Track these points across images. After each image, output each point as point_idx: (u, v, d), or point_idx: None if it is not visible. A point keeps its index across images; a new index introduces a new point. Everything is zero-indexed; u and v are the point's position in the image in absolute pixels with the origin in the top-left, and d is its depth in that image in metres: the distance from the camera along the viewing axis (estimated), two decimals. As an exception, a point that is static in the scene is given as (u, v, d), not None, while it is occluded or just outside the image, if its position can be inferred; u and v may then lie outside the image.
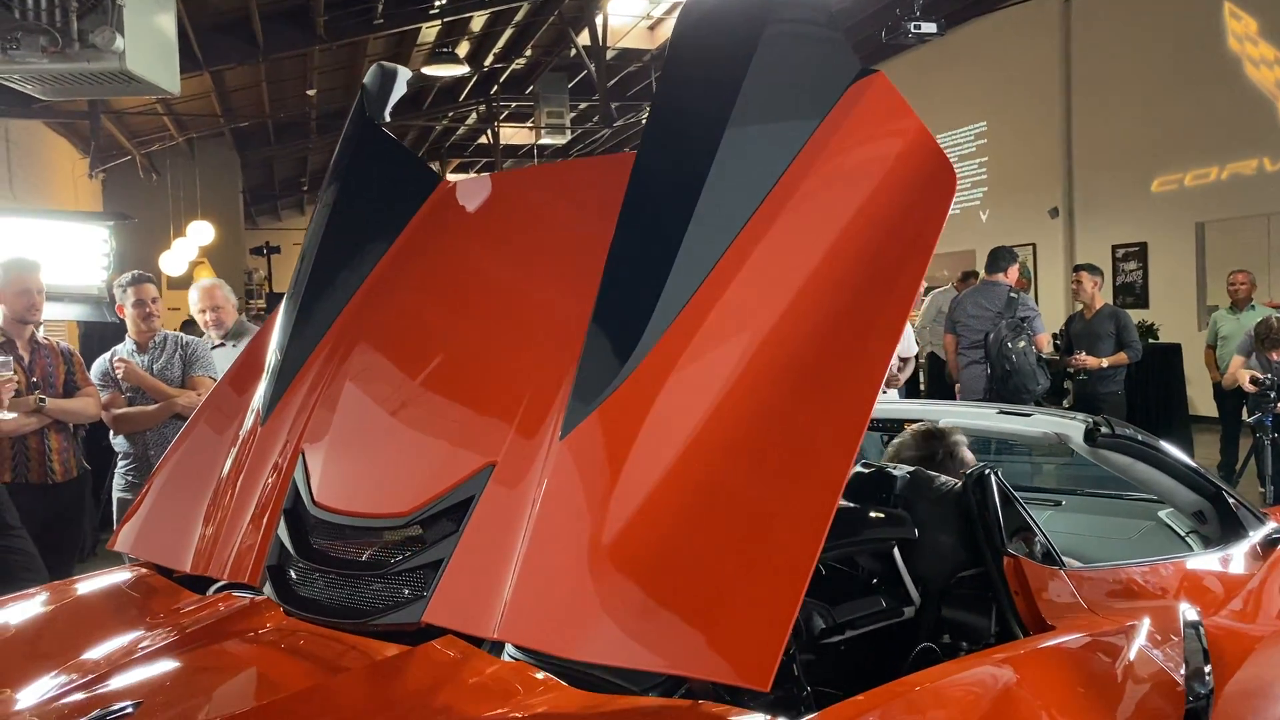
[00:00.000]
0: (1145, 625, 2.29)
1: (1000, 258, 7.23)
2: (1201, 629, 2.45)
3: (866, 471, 2.54)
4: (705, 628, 1.49)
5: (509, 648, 1.75)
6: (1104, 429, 2.90)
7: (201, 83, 12.28)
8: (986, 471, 2.42)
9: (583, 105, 17.47)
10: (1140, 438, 3.04)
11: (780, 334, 1.73)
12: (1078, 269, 8.10)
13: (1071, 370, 7.84)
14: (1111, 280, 13.55)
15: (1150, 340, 10.46)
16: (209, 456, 2.40)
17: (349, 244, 2.43)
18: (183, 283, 12.49)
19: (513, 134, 21.10)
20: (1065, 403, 8.83)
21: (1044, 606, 2.21)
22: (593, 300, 1.86)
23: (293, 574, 2.03)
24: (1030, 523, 2.42)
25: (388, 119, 2.52)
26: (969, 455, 2.85)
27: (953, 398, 7.55)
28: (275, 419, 2.27)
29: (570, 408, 1.77)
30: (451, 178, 2.60)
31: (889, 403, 3.41)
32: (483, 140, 21.20)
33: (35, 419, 4.37)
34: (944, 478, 2.49)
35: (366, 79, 2.53)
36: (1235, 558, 2.95)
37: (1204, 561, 2.89)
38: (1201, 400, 10.29)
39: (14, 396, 4.30)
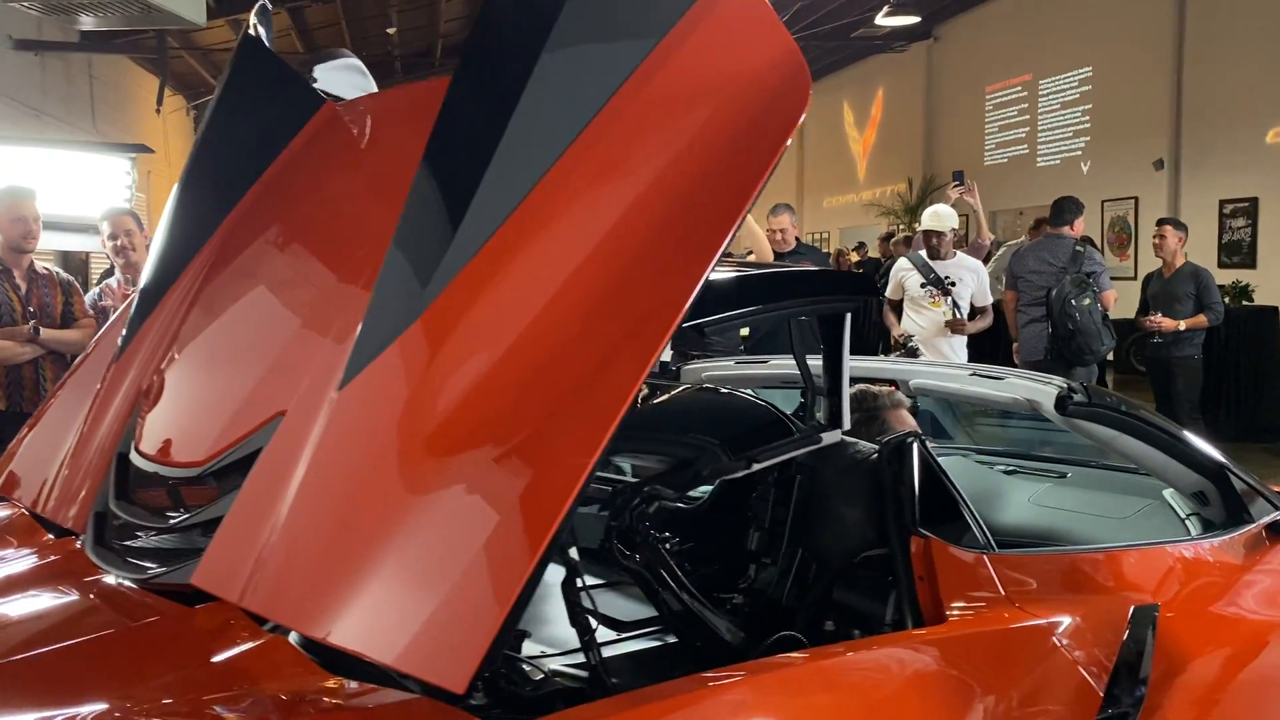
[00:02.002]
0: (1069, 621, 2.02)
1: (1065, 209, 6.74)
2: (1153, 627, 2.16)
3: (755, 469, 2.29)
4: (413, 617, 1.29)
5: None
6: (1077, 396, 2.58)
7: (280, 20, 12.32)
8: (909, 440, 2.15)
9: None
10: (1124, 408, 2.71)
11: (581, 279, 1.51)
12: (1161, 223, 7.55)
13: (1148, 332, 7.33)
14: (1217, 238, 12.73)
15: (1245, 303, 9.76)
16: (79, 394, 2.31)
17: (220, 171, 2.27)
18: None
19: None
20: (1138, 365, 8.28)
21: (949, 595, 1.96)
22: None
23: (109, 522, 1.91)
24: (956, 499, 2.15)
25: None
26: (907, 420, 2.57)
27: (1010, 357, 7.12)
28: (127, 356, 2.15)
29: (352, 355, 1.58)
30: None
31: (862, 360, 3.12)
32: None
33: (30, 348, 4.38)
34: (861, 445, 2.23)
35: None
36: (1231, 545, 2.62)
37: (1189, 548, 2.57)
38: (1302, 369, 9.59)
39: (9, 325, 4.32)
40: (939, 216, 6.33)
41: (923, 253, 6.34)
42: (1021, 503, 3.30)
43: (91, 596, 1.82)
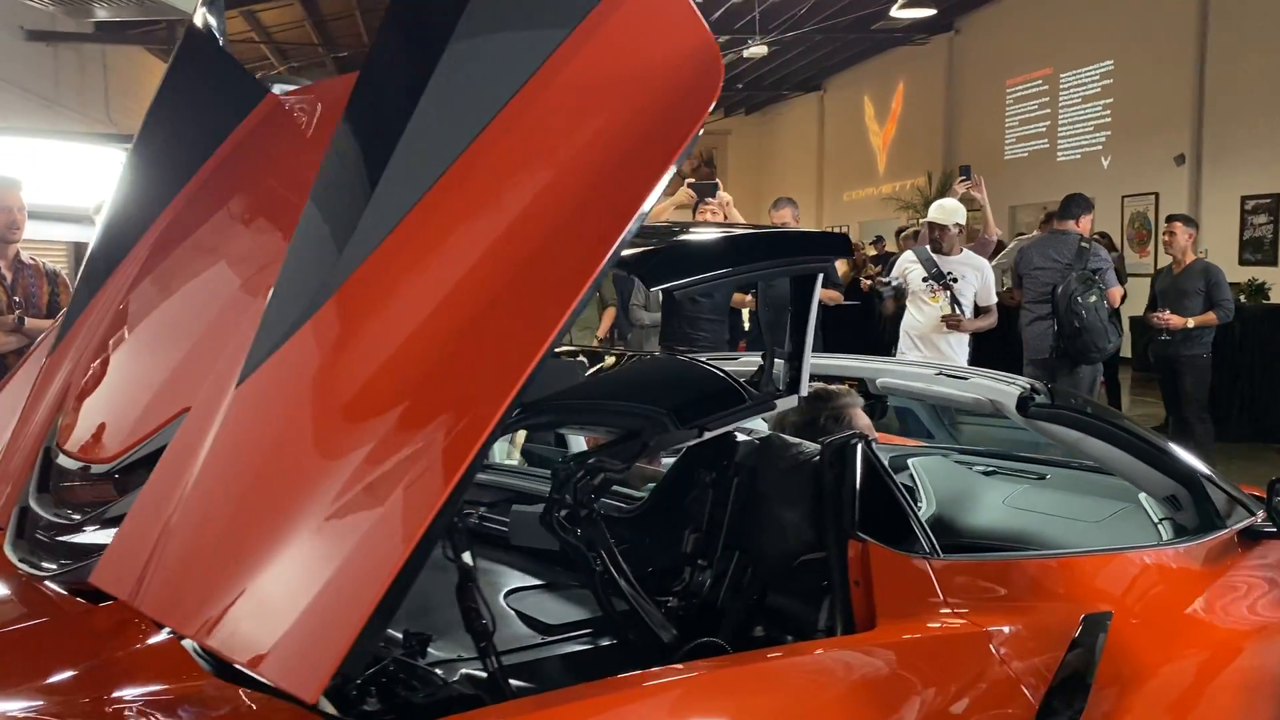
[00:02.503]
0: (1008, 629, 1.96)
1: (1073, 203, 6.64)
2: (1103, 635, 2.10)
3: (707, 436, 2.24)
4: (278, 622, 1.26)
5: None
6: (1039, 397, 2.52)
7: (294, 11, 12.35)
8: (853, 441, 2.10)
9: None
10: (1090, 410, 2.65)
11: (480, 274, 1.46)
12: (1171, 219, 7.41)
13: (1155, 330, 7.20)
14: (1239, 234, 12.54)
15: (1261, 300, 9.59)
16: (21, 388, 2.29)
17: (160, 162, 2.25)
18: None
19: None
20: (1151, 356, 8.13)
21: (884, 601, 1.91)
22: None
23: (29, 518, 1.90)
24: (900, 503, 2.09)
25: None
26: (862, 420, 2.52)
27: (1019, 355, 7.02)
28: (61, 349, 2.13)
29: (250, 352, 1.55)
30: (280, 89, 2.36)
31: (822, 356, 3.07)
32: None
33: (15, 338, 4.40)
34: (805, 446, 2.17)
35: None
36: (1199, 551, 2.56)
37: (1150, 555, 2.50)
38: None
39: (-6, 315, 4.34)
40: (944, 210, 6.22)
41: (928, 246, 6.26)
42: (995, 504, 3.24)
43: (3, 593, 1.80)
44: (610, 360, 2.79)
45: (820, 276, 2.15)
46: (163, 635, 1.53)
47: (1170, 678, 2.29)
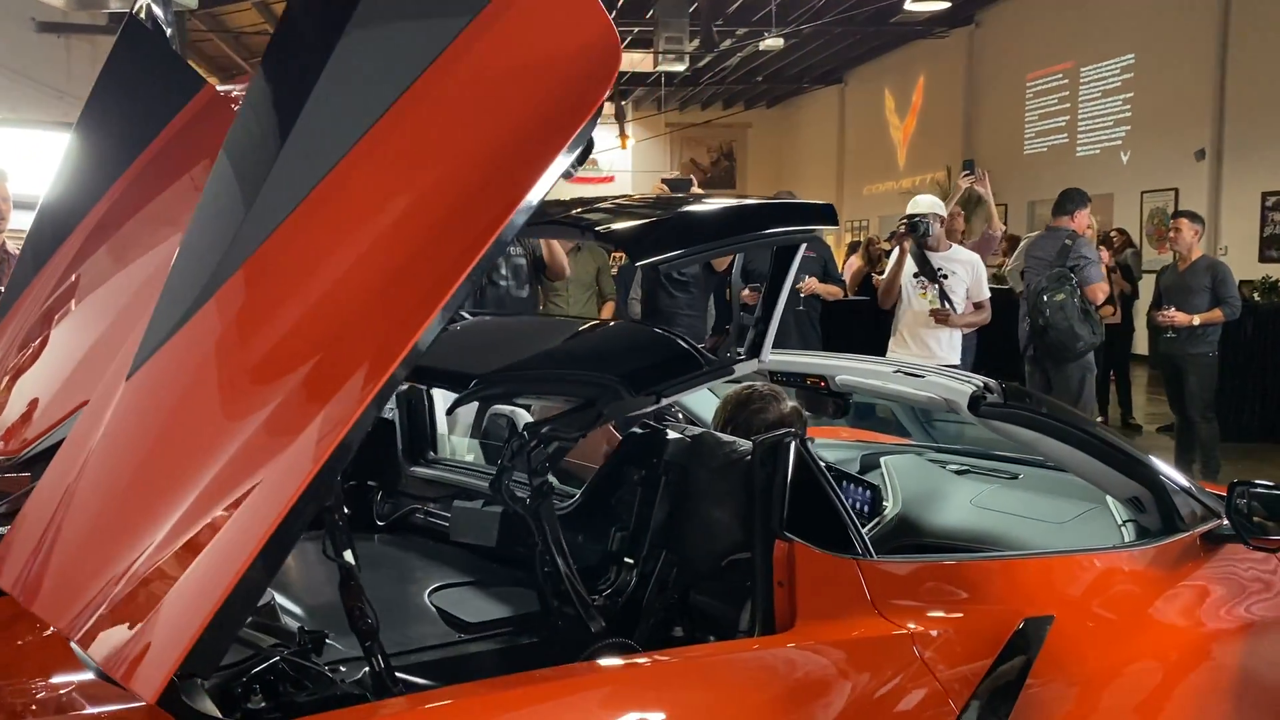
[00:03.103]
0: (935, 632, 1.93)
1: (1069, 199, 6.56)
2: (1039, 641, 2.06)
3: (640, 433, 2.22)
4: (132, 618, 1.24)
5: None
6: (991, 396, 2.47)
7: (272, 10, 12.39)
8: (786, 440, 2.06)
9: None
10: (1046, 410, 2.60)
11: (369, 266, 1.45)
12: (1177, 215, 7.33)
13: (1161, 328, 7.10)
14: (1259, 231, 12.36)
15: (1273, 299, 9.44)
16: None
17: (97, 153, 2.25)
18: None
19: (641, 60, 20.68)
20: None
21: (807, 602, 1.87)
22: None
23: None
24: (832, 503, 2.06)
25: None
26: (792, 416, 2.49)
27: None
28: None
29: (140, 345, 1.54)
30: (224, 86, 2.36)
31: (783, 353, 3.03)
32: (611, 67, 20.81)
33: None
34: (738, 444, 2.14)
35: None
36: (1156, 554, 2.50)
37: (1101, 558, 2.45)
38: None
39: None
40: (919, 204, 6.09)
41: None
42: (962, 504, 3.20)
43: None
44: (564, 327, 2.76)
45: (802, 247, 2.10)
46: (51, 631, 1.53)
47: (1118, 682, 2.25)
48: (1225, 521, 2.68)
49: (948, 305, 5.85)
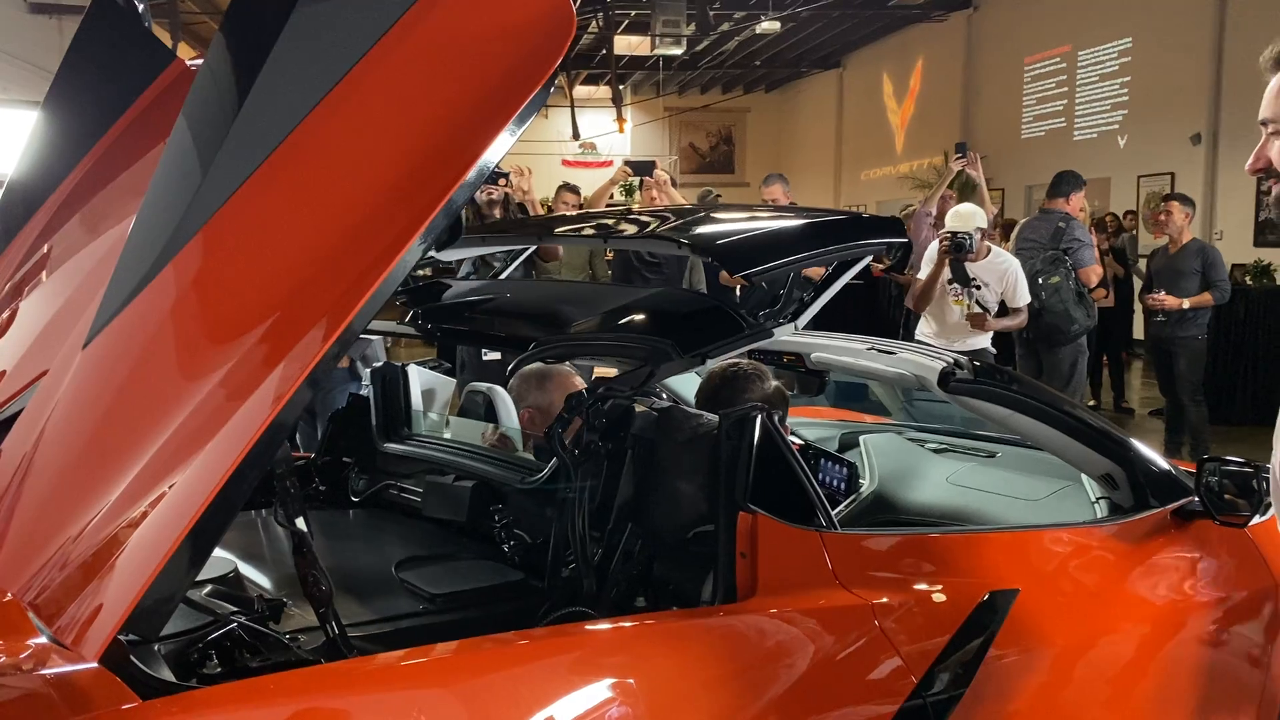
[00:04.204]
0: (896, 603, 1.94)
1: (1063, 181, 6.54)
2: (1002, 614, 2.08)
3: (607, 407, 2.22)
4: (79, 582, 1.26)
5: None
6: (961, 373, 2.49)
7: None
8: (753, 414, 2.07)
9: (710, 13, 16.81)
10: (1017, 387, 2.61)
11: (314, 240, 1.46)
12: (1167, 198, 7.32)
13: (1151, 311, 7.11)
14: (1254, 216, 12.35)
15: (1265, 282, 9.44)
16: None
17: (66, 127, 2.25)
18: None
19: (639, 44, 20.61)
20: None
21: (768, 572, 1.89)
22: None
23: None
24: (798, 476, 2.07)
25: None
26: (773, 393, 2.50)
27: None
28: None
29: (96, 314, 1.55)
30: (190, 60, 2.35)
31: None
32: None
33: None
34: (704, 417, 2.15)
35: None
36: (1124, 530, 2.52)
37: (1069, 534, 2.46)
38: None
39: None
40: (960, 216, 5.77)
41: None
42: (938, 481, 3.21)
43: None
44: (612, 293, 2.89)
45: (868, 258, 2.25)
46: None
47: (1086, 655, 2.26)
48: (1195, 498, 2.70)
49: (981, 307, 5.69)
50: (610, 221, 2.72)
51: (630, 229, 2.67)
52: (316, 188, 1.48)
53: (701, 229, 2.39)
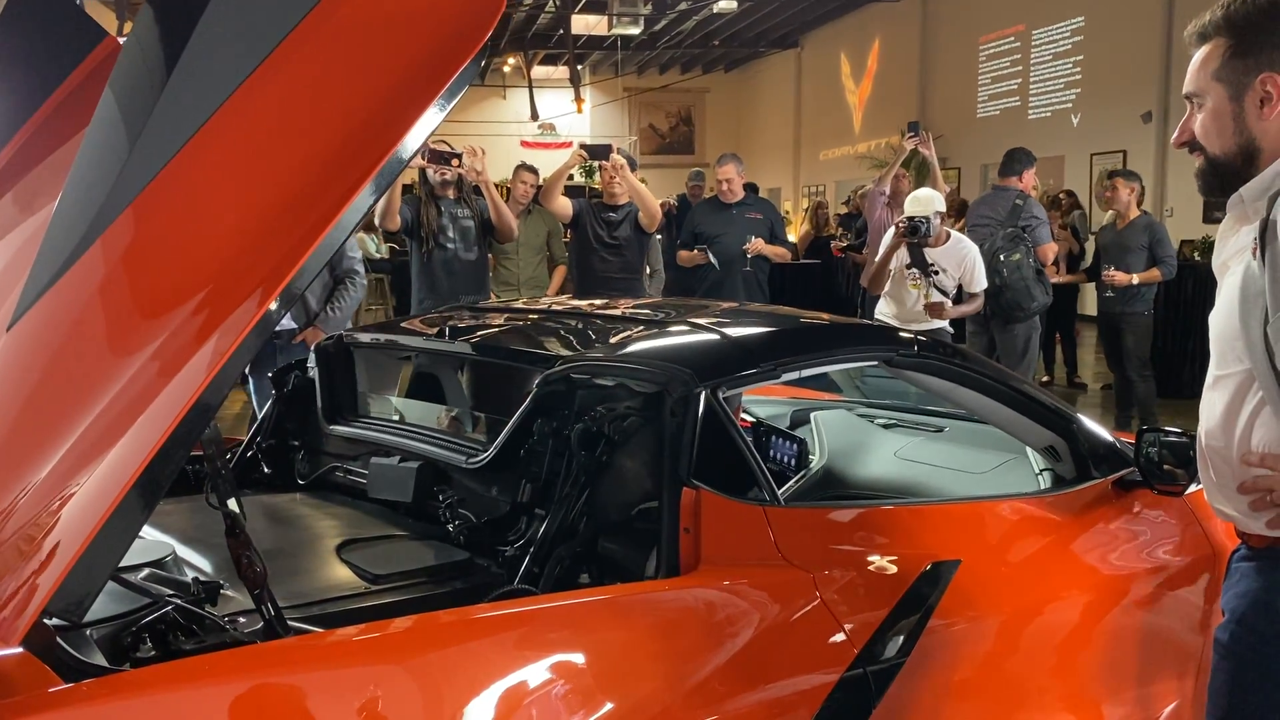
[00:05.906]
0: (838, 575, 1.96)
1: (1015, 159, 6.59)
2: (943, 584, 2.10)
3: (551, 385, 2.23)
4: (4, 562, 1.24)
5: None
6: (904, 350, 2.51)
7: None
8: (696, 390, 2.08)
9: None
10: (960, 360, 2.63)
11: (244, 210, 1.44)
12: (1113, 174, 7.40)
13: (1100, 287, 7.20)
14: (1204, 193, 12.51)
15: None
16: None
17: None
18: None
19: (596, 23, 20.50)
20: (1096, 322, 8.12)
21: (711, 547, 1.90)
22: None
23: None
24: (741, 452, 2.08)
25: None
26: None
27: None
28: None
29: (23, 292, 1.52)
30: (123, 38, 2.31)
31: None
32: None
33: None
34: (652, 395, 2.16)
35: None
36: (1065, 500, 2.55)
37: (1010, 505, 2.50)
38: None
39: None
40: (918, 201, 5.69)
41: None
42: (886, 456, 3.24)
43: None
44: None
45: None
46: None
47: (1026, 624, 2.30)
48: (1134, 469, 2.75)
49: (939, 294, 5.65)
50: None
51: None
52: (245, 163, 1.47)
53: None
